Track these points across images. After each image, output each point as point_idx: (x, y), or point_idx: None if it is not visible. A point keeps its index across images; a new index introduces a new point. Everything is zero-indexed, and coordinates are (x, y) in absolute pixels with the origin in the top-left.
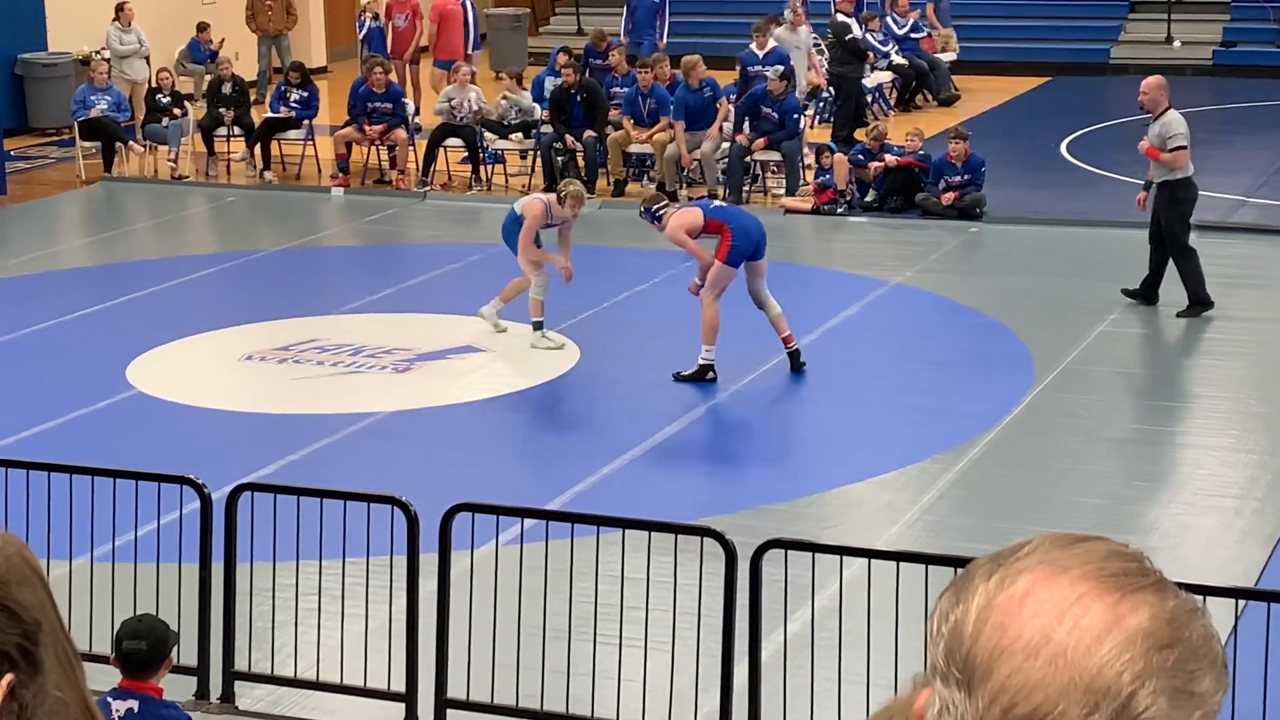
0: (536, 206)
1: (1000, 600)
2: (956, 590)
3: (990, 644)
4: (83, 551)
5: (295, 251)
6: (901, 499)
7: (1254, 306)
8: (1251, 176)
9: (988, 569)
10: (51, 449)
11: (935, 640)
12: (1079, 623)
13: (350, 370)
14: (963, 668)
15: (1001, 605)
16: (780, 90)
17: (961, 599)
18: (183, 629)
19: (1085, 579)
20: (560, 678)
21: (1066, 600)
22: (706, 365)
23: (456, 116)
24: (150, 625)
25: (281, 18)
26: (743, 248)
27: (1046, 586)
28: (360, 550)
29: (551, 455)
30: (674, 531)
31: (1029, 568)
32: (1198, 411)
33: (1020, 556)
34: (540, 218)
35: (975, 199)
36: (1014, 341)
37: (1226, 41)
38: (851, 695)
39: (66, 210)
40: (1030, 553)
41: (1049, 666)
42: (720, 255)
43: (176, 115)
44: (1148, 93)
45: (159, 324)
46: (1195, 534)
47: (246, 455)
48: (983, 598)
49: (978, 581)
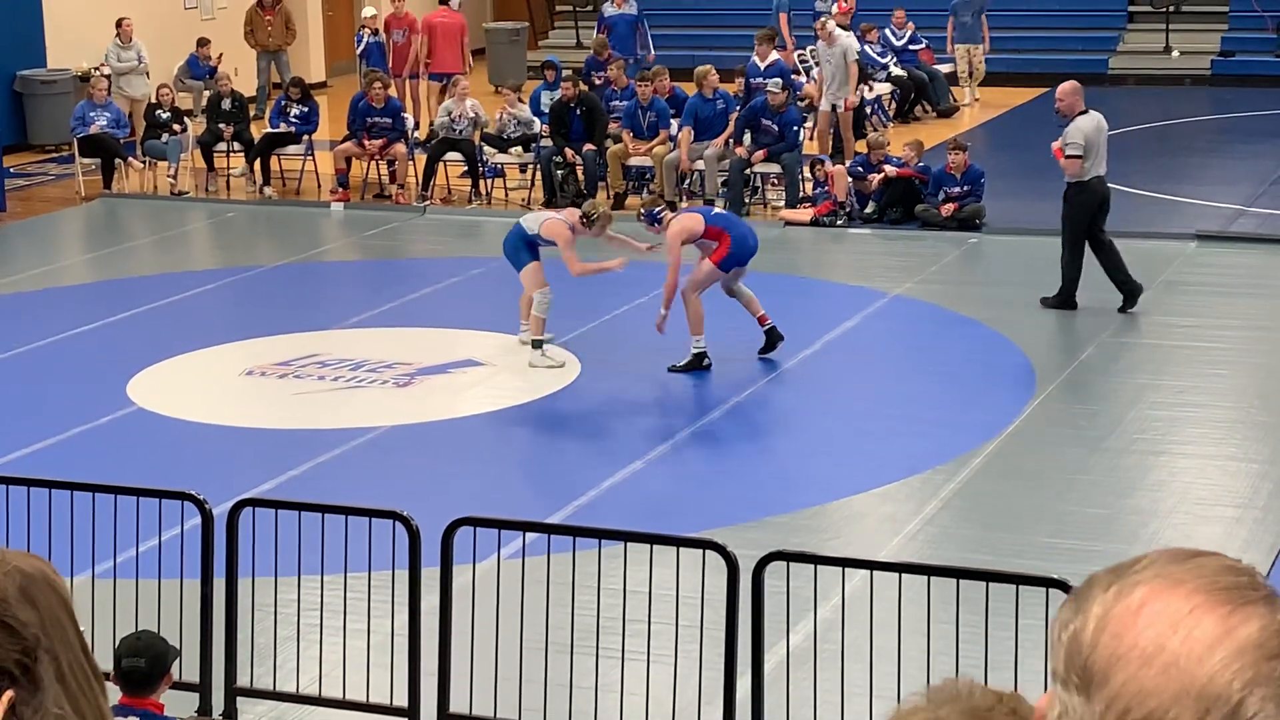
0: (564, 231)
1: (1117, 611)
2: (1076, 601)
3: (1107, 652)
4: (84, 568)
5: (295, 267)
6: (903, 510)
7: (1254, 315)
8: (1250, 186)
9: (1106, 581)
10: (52, 466)
11: (1056, 648)
12: (1192, 633)
13: (351, 385)
14: (1081, 674)
15: (1118, 616)
16: (781, 103)
17: (1081, 609)
18: (185, 645)
19: (1198, 592)
20: (563, 691)
21: (1180, 612)
22: (700, 353)
23: (456, 130)
24: (149, 642)
25: (281, 33)
26: (738, 255)
27: (1162, 598)
28: (362, 565)
29: (553, 469)
30: (676, 544)
31: (1145, 580)
32: (1199, 421)
33: (1137, 570)
34: (571, 241)
35: (975, 210)
36: (1015, 352)
37: (1225, 51)
38: (855, 707)
39: (66, 227)
40: (1146, 566)
41: (1163, 674)
42: (715, 258)
43: (176, 131)
44: (1063, 99)
45: (159, 340)
46: (1198, 544)
47: (247, 470)
48: (1100, 608)
49: (1096, 593)
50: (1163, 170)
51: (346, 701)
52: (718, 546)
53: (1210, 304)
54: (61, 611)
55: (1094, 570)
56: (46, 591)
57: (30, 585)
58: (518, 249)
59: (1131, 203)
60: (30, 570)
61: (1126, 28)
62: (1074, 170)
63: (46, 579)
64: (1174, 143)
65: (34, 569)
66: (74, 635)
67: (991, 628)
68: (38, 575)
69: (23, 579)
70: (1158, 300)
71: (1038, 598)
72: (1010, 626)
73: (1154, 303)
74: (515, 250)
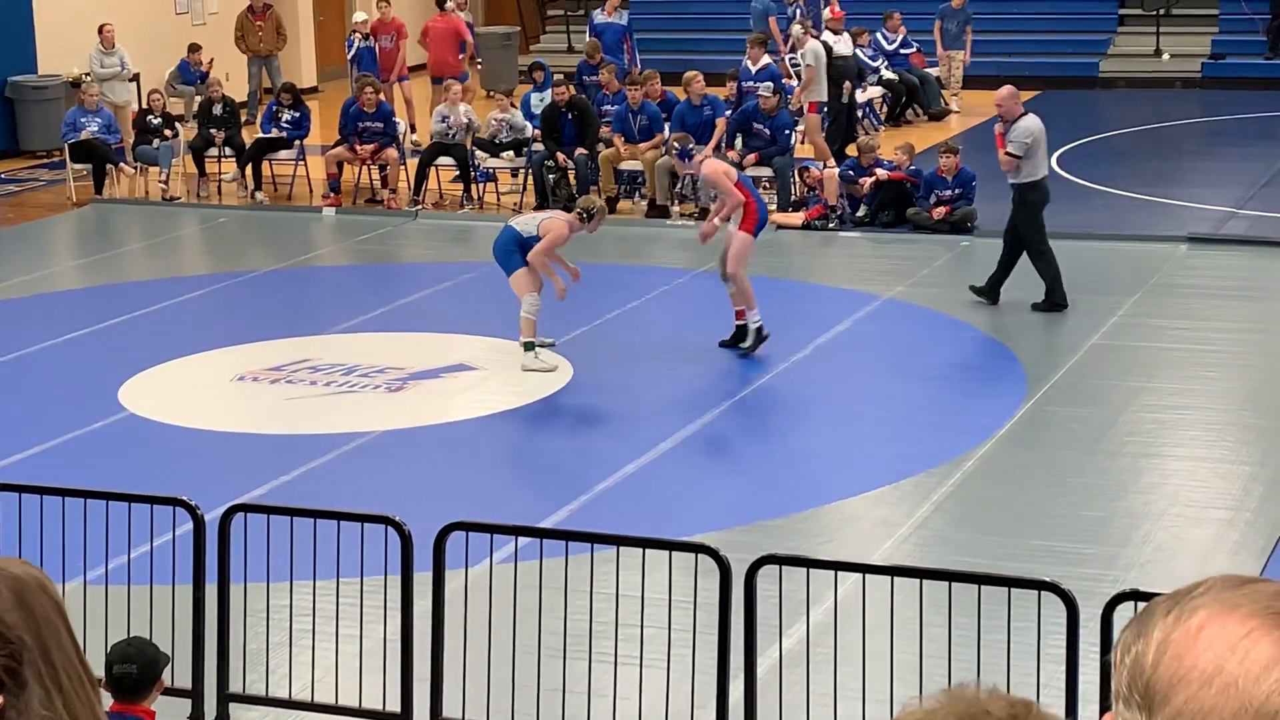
0: (561, 228)
1: (1177, 634)
2: (1138, 625)
3: (1169, 673)
4: (75, 574)
5: (287, 272)
6: (896, 513)
7: (1245, 318)
8: (1241, 188)
9: (1166, 606)
10: (44, 472)
11: (1119, 669)
12: (1249, 655)
13: (343, 390)
14: (1144, 694)
15: (1179, 639)
16: (772, 107)
17: (1143, 633)
18: (177, 651)
19: (1254, 615)
20: (556, 696)
21: (1237, 635)
22: (759, 327)
23: (449, 134)
24: (140, 648)
25: (272, 38)
26: (762, 220)
27: (1219, 622)
28: (354, 570)
29: (545, 473)
30: (668, 548)
31: (1203, 605)
32: (1190, 423)
33: (1195, 595)
34: (565, 238)
35: (966, 213)
36: (1006, 355)
37: (1215, 54)
38: (847, 710)
39: (58, 233)
40: (1204, 592)
41: (1221, 694)
42: (746, 226)
43: (167, 137)
44: (1003, 103)
45: (151, 345)
46: (1189, 546)
47: (239, 476)
48: (1161, 632)
49: (1157, 618)
50: (1154, 173)
51: (339, 707)
52: (710, 550)
53: (1201, 307)
54: (56, 616)
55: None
56: (40, 597)
57: (23, 590)
58: (510, 252)
59: (1123, 205)
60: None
61: (1117, 31)
62: (1009, 167)
63: (40, 584)
64: (1165, 145)
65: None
66: (68, 640)
67: (984, 631)
68: (30, 581)
69: (15, 584)
70: (1149, 303)
71: (1030, 601)
72: (1002, 630)
73: (1145, 305)
74: (508, 254)
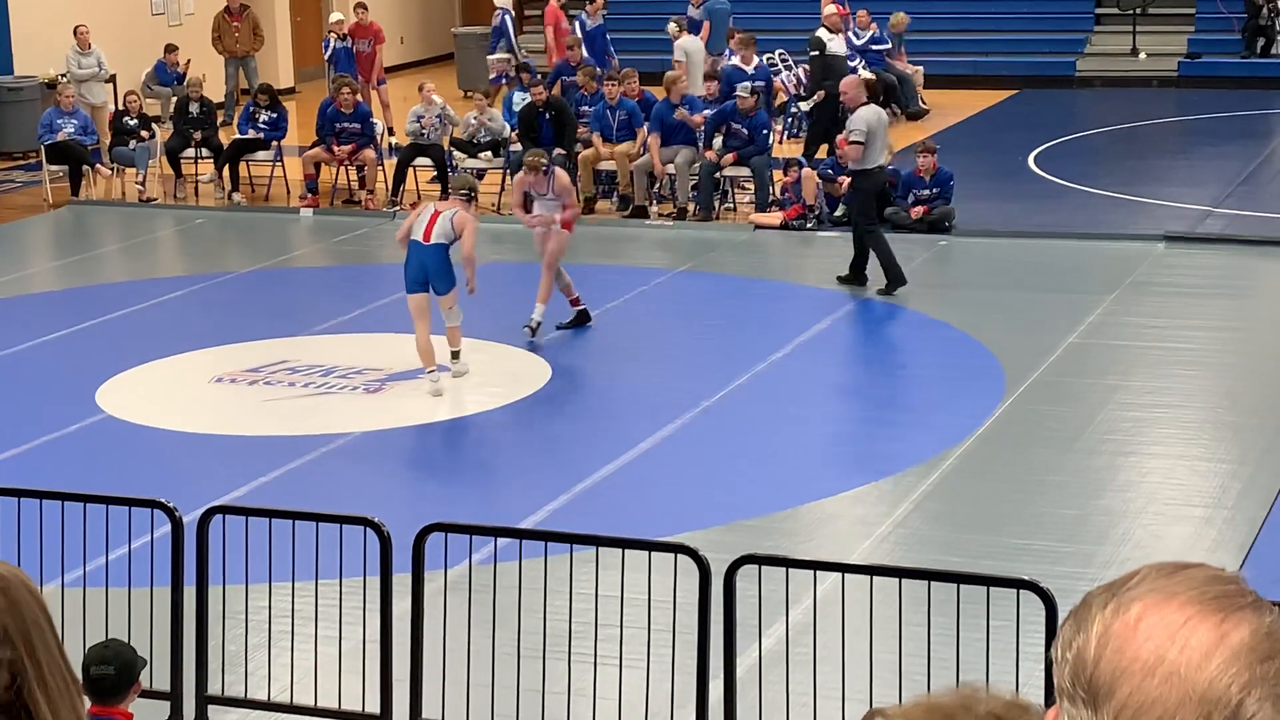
0: (467, 216)
1: (1116, 627)
2: (1076, 619)
3: (1111, 666)
4: (53, 577)
5: (265, 273)
6: (875, 513)
7: (1222, 316)
8: (1217, 187)
9: (1103, 599)
10: (21, 474)
11: (1060, 665)
12: (1188, 642)
13: (321, 391)
14: (1088, 688)
15: (1118, 631)
16: (750, 106)
17: (1081, 627)
18: (155, 654)
19: (1191, 603)
20: (535, 697)
21: (1176, 623)
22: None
23: (423, 134)
24: (117, 651)
25: (249, 39)
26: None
27: (1157, 611)
28: (333, 572)
29: (524, 474)
30: (648, 549)
31: (1140, 596)
32: (1168, 421)
33: (1131, 586)
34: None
35: (944, 212)
36: (985, 354)
37: (1191, 53)
38: (827, 710)
39: (34, 234)
40: (1139, 582)
41: (1165, 684)
42: (568, 226)
43: (144, 138)
44: (847, 91)
45: (128, 347)
46: (1167, 544)
47: (217, 478)
48: (1100, 625)
49: (1095, 610)
50: (1130, 172)
51: (318, 709)
52: (689, 550)
53: (1179, 305)
54: (40, 616)
55: (1063, 569)
56: (25, 596)
57: (9, 589)
58: (451, 263)
59: (1099, 204)
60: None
61: (1094, 30)
62: (855, 155)
63: (24, 584)
64: (1141, 144)
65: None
66: (53, 640)
67: (963, 629)
68: (14, 580)
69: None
70: (1126, 302)
71: (1009, 599)
72: (981, 628)
73: (1122, 304)
74: (451, 265)
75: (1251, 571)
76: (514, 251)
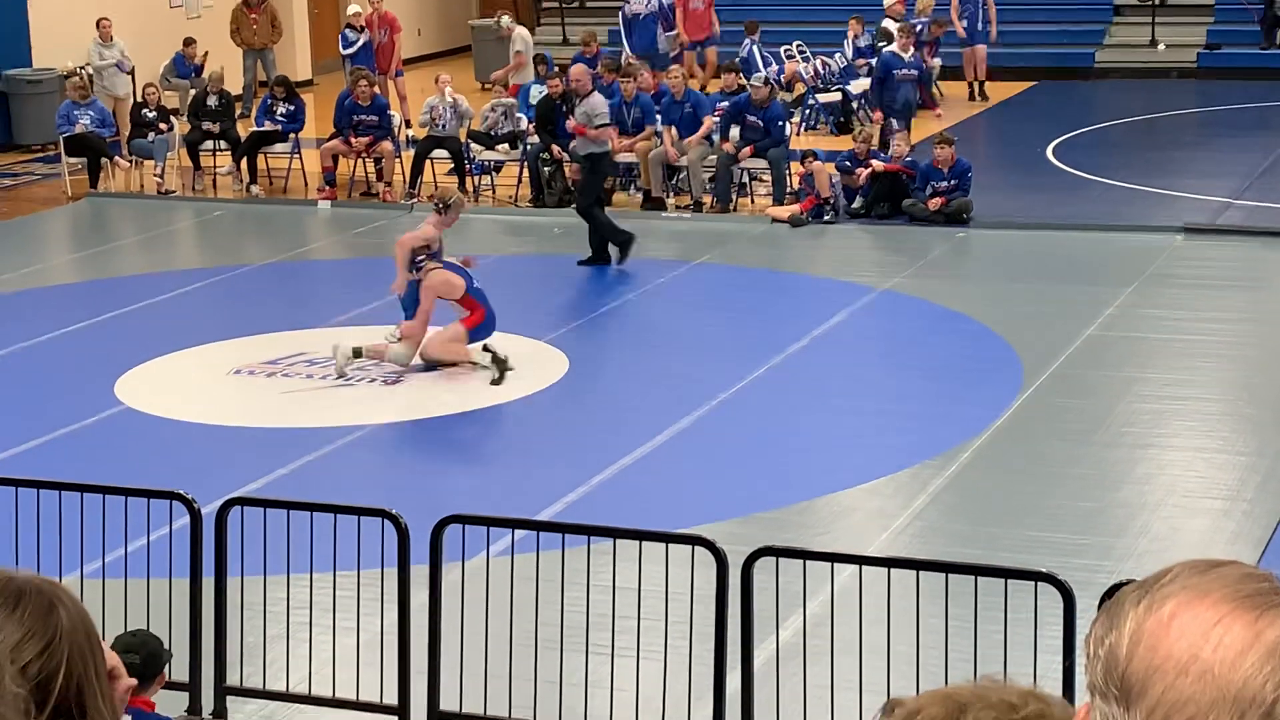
0: (425, 228)
1: (1149, 624)
2: (1109, 616)
3: (1144, 664)
4: (72, 568)
5: (283, 265)
6: (892, 505)
7: (1241, 308)
8: (1237, 179)
9: (1135, 596)
10: (41, 466)
11: (1092, 662)
12: (1222, 641)
13: (339, 383)
14: (1120, 686)
15: (1151, 629)
16: (763, 98)
17: (1114, 624)
18: (174, 644)
19: (1225, 601)
20: (553, 688)
21: (1209, 621)
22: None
23: (437, 125)
24: (144, 639)
25: (267, 31)
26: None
27: (1191, 609)
28: (351, 563)
29: (541, 466)
30: (665, 541)
31: (1173, 593)
32: (1186, 414)
33: (1164, 583)
34: (433, 236)
35: (962, 204)
36: (1002, 346)
37: (1210, 44)
38: (844, 702)
39: (53, 226)
40: (1172, 579)
41: (1198, 682)
42: (470, 323)
43: (162, 130)
44: (578, 79)
45: (147, 339)
46: (1185, 537)
47: (236, 469)
48: (1133, 622)
49: (1127, 608)
50: (1149, 163)
51: (336, 700)
52: (707, 542)
53: (1197, 297)
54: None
55: (1081, 562)
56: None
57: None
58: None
59: (1118, 196)
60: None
61: (1113, 21)
62: (607, 136)
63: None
64: (1160, 136)
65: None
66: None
67: (981, 622)
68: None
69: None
70: (1145, 294)
71: (1026, 591)
72: (999, 620)
73: (1141, 296)
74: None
75: (1270, 564)
76: (534, 245)
